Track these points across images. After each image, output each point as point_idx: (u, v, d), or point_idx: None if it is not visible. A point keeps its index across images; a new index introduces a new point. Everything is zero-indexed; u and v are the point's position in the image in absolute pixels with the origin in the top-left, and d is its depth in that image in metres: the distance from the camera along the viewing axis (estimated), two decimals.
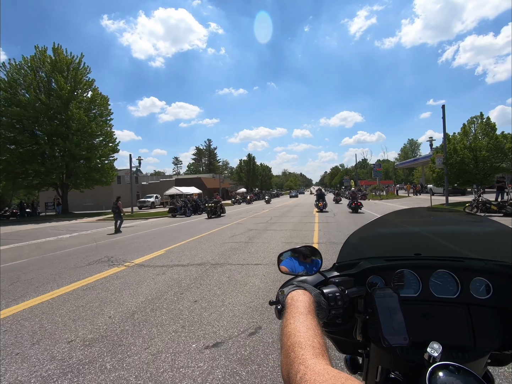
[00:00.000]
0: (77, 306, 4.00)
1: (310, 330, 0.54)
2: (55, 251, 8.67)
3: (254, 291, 4.30)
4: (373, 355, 0.81)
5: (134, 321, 3.43)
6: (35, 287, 4.99)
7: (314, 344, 0.50)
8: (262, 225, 13.45)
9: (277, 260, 0.93)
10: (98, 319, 3.53)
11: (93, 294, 4.47)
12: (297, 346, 0.50)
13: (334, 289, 0.76)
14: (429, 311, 0.80)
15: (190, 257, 6.96)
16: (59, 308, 3.98)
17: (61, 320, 3.55)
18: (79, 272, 5.88)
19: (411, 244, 1.03)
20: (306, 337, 0.51)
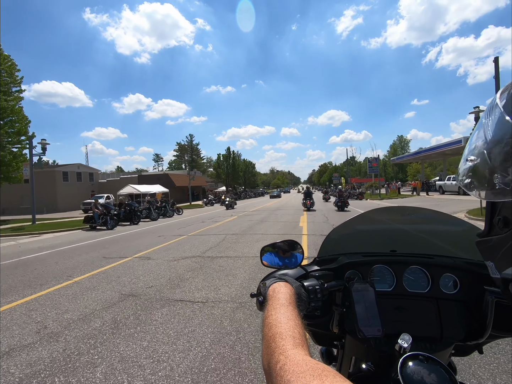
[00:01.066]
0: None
1: (290, 321, 0.54)
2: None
3: None
4: (347, 346, 0.86)
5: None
6: None
7: (295, 335, 0.50)
8: (194, 263, 6.52)
9: (259, 254, 0.94)
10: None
11: None
12: (278, 336, 0.50)
13: (314, 282, 0.78)
14: (402, 305, 0.84)
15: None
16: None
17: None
18: None
19: (387, 241, 1.07)
20: (287, 328, 0.52)
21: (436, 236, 1.07)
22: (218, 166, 51.10)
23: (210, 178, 52.09)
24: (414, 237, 1.08)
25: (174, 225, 14.08)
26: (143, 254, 7.45)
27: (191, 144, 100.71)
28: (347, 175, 55.16)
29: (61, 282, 5.28)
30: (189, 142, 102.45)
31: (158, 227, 13.71)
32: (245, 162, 63.30)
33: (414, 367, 0.57)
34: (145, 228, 13.62)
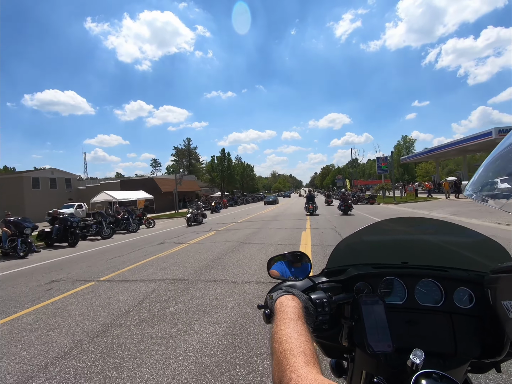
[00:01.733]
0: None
1: (301, 337, 0.53)
2: None
3: None
4: (358, 360, 0.82)
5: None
6: None
7: (306, 351, 0.49)
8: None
9: (267, 264, 0.93)
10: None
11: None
12: (288, 353, 0.49)
13: (322, 295, 0.77)
14: (414, 319, 0.81)
15: None
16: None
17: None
18: None
19: (398, 252, 1.03)
20: (298, 344, 0.51)
21: (449, 248, 1.02)
22: (211, 170, 46.20)
23: (205, 182, 47.87)
24: (426, 248, 1.04)
25: (109, 250, 9.55)
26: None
27: (188, 148, 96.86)
28: (352, 177, 50.67)
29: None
30: (187, 146, 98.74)
31: (78, 256, 8.97)
32: (242, 165, 58.93)
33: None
34: (61, 257, 9.14)
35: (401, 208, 19.29)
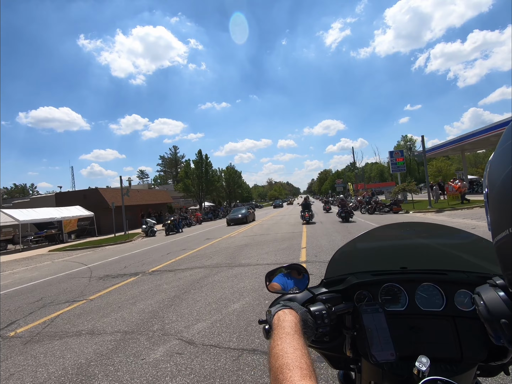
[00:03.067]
0: None
1: (297, 351, 0.52)
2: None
3: None
4: (364, 370, 0.79)
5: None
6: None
7: (302, 365, 0.49)
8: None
9: (265, 279, 0.90)
10: None
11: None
12: (285, 367, 0.49)
13: (321, 307, 0.74)
14: (416, 325, 0.78)
15: None
16: None
17: None
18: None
19: (396, 257, 1.01)
20: (294, 358, 0.50)
21: (446, 250, 1.02)
22: (185, 176, 36.34)
23: (179, 192, 38.83)
24: (424, 252, 1.02)
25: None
26: None
27: (175, 156, 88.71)
28: (358, 179, 42.34)
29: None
30: (173, 154, 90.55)
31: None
32: (228, 171, 50.63)
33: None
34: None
35: (456, 220, 10.72)
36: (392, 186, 73.44)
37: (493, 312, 0.50)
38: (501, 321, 0.47)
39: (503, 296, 0.53)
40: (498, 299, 0.53)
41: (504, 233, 0.41)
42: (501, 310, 0.52)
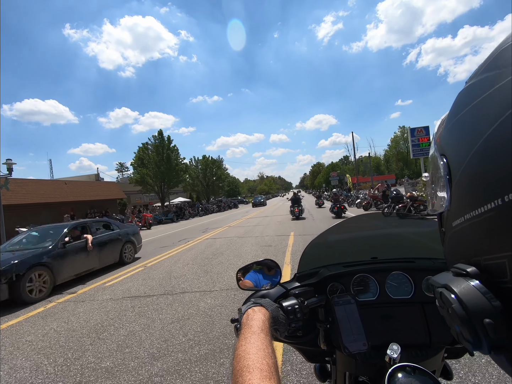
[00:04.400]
0: None
1: (260, 351, 0.51)
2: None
3: None
4: (339, 362, 0.81)
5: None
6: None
7: (262, 367, 0.48)
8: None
9: (236, 276, 0.88)
10: None
11: None
12: (245, 370, 0.48)
13: (293, 302, 0.74)
14: (388, 313, 0.80)
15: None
16: None
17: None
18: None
19: (367, 248, 1.02)
20: (255, 359, 0.49)
21: (413, 239, 1.02)
22: (140, 164, 26.90)
23: (134, 185, 28.82)
24: (393, 241, 1.03)
25: None
26: None
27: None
28: (366, 168, 34.66)
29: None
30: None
31: None
32: (205, 161, 42.41)
33: (402, 380, 0.54)
34: None
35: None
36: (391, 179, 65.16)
37: (473, 310, 0.37)
38: (484, 321, 0.35)
39: (480, 287, 0.38)
40: (476, 293, 0.38)
41: (491, 205, 0.32)
42: (482, 307, 0.37)
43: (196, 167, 42.76)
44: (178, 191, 41.53)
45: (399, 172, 77.50)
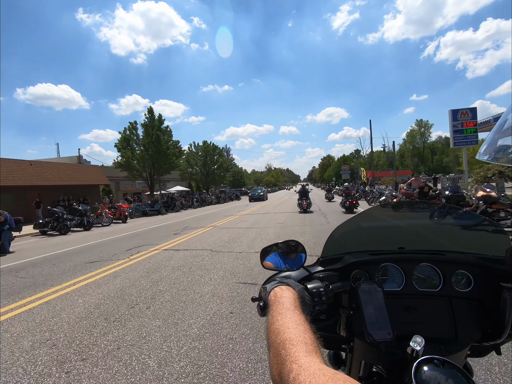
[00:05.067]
0: None
1: (299, 326, 0.48)
2: None
3: None
4: (356, 350, 0.79)
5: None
6: None
7: (306, 341, 0.44)
8: None
9: (259, 255, 0.88)
10: None
11: None
12: (288, 343, 0.44)
13: (318, 284, 0.72)
14: (412, 305, 0.78)
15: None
16: None
17: None
18: None
19: (395, 238, 1.00)
20: (297, 333, 0.46)
21: (447, 231, 0.99)
22: (125, 146, 22.71)
23: (120, 170, 23.88)
24: (423, 232, 1.00)
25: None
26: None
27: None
28: (387, 159, 30.59)
29: None
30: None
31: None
32: (205, 147, 38.21)
33: (429, 372, 0.52)
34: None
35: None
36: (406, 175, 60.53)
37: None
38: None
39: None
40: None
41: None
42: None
43: (196, 153, 38.87)
44: (175, 179, 37.99)
45: (414, 168, 72.48)
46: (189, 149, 39.27)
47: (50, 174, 18.84)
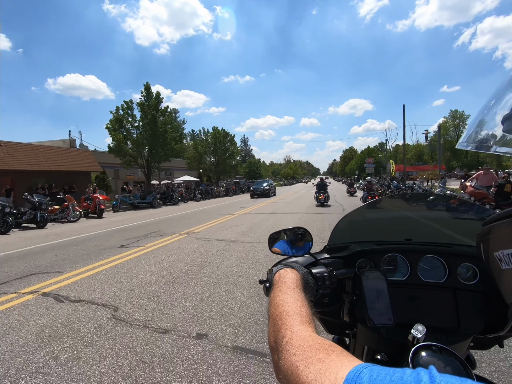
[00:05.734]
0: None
1: (297, 301, 0.52)
2: None
3: None
4: (359, 335, 0.81)
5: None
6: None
7: (301, 313, 0.49)
8: None
9: (268, 241, 0.90)
10: None
11: None
12: (284, 314, 0.48)
13: (322, 269, 0.74)
14: (416, 294, 0.79)
15: None
16: None
17: None
18: None
19: (401, 229, 1.00)
20: (294, 307, 0.50)
21: (455, 224, 0.98)
22: (117, 127, 19.26)
23: (115, 156, 20.54)
24: (431, 225, 0.98)
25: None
26: None
27: None
28: (432, 148, 26.93)
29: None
30: None
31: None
32: (215, 133, 33.90)
33: (426, 358, 0.53)
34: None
35: None
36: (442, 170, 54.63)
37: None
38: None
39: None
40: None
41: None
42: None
43: (206, 140, 35.42)
44: (183, 168, 35.02)
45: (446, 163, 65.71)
46: (199, 135, 36.31)
47: (25, 157, 16.22)
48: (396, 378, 0.29)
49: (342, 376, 0.31)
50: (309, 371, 0.35)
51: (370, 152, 62.49)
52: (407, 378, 0.29)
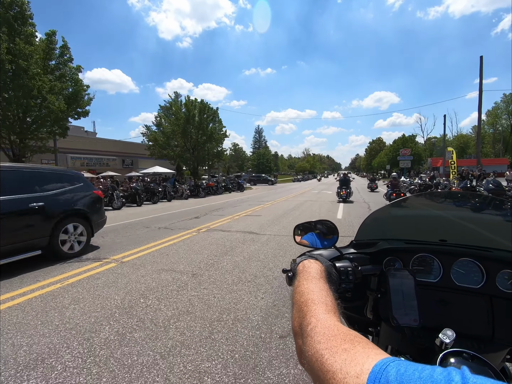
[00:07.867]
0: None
1: (322, 291, 0.52)
2: None
3: None
4: (383, 334, 0.78)
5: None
6: None
7: (327, 302, 0.48)
8: None
9: (293, 231, 0.87)
10: None
11: None
12: (310, 302, 0.48)
13: (346, 264, 0.73)
14: (447, 298, 0.75)
15: None
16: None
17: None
18: None
19: (435, 228, 0.94)
20: (319, 295, 0.50)
21: (495, 227, 0.91)
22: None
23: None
24: (466, 226, 0.92)
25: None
26: None
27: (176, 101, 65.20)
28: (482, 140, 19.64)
29: None
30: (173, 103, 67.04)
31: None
32: (189, 105, 23.04)
33: (456, 365, 0.48)
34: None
35: None
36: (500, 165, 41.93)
37: None
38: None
39: None
40: None
41: None
42: None
43: (175, 115, 24.16)
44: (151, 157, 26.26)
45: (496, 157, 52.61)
46: (163, 106, 27.83)
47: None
48: (425, 375, 0.27)
49: (368, 368, 0.30)
50: (334, 360, 0.34)
51: (405, 143, 50.40)
52: (438, 376, 0.27)
